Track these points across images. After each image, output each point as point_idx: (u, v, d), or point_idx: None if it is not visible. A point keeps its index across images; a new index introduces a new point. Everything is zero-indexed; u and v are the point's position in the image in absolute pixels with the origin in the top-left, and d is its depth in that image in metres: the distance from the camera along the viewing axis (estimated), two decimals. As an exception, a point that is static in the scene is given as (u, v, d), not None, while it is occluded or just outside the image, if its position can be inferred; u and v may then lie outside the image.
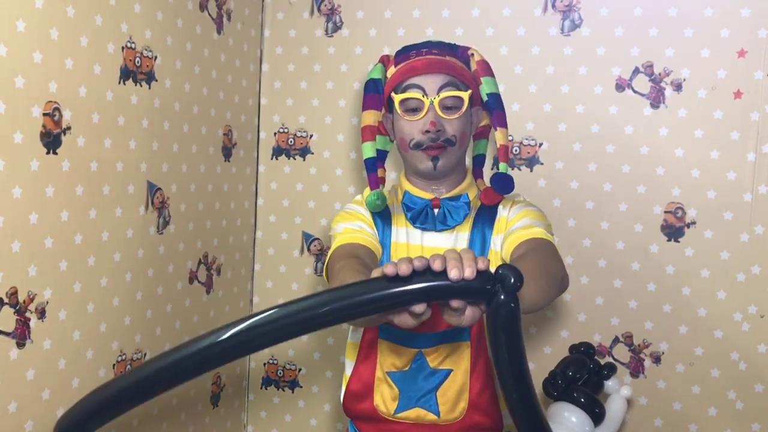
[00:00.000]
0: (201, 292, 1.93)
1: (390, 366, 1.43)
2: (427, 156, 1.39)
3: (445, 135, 1.38)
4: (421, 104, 1.38)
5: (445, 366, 1.40)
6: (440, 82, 1.38)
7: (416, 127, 1.39)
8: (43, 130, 1.31)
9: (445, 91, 1.38)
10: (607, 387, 1.74)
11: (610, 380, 1.74)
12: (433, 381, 1.41)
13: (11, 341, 1.28)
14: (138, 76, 1.58)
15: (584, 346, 1.77)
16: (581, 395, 1.64)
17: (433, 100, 1.37)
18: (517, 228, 1.37)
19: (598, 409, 1.64)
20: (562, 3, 1.93)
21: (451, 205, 1.43)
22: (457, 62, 1.43)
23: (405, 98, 1.39)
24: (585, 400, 1.64)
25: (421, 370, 1.41)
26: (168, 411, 1.82)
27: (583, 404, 1.63)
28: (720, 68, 1.83)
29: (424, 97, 1.37)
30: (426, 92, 1.38)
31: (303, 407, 2.23)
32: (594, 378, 1.72)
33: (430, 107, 1.37)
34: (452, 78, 1.39)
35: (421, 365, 1.41)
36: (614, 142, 1.92)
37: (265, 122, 2.20)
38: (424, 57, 1.41)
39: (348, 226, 1.42)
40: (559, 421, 1.61)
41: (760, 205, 1.83)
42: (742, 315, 1.86)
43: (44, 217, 1.33)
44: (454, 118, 1.38)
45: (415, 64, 1.41)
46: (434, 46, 1.45)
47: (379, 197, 1.44)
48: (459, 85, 1.40)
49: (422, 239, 1.42)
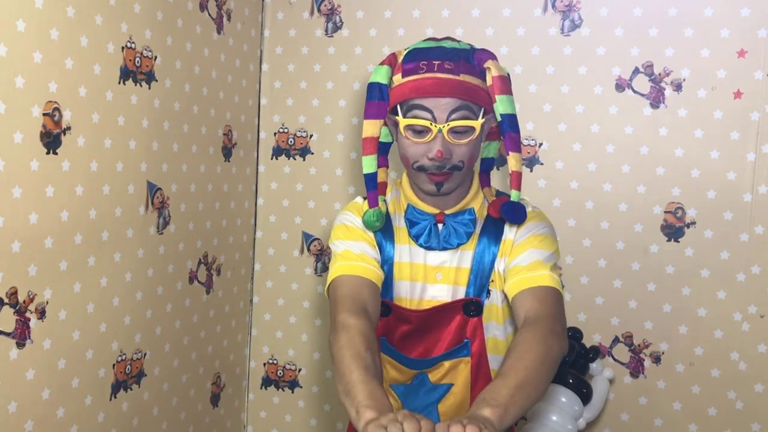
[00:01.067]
0: (201, 292, 1.93)
1: (392, 380, 1.43)
2: (430, 181, 1.31)
3: (452, 162, 1.29)
4: (428, 130, 1.28)
5: (445, 381, 1.40)
6: (451, 107, 1.26)
7: (421, 150, 1.29)
8: (43, 130, 1.31)
9: (455, 118, 1.26)
10: (591, 369, 1.84)
11: (595, 363, 1.85)
12: (435, 395, 1.41)
13: (11, 341, 1.28)
14: (138, 76, 1.58)
15: (571, 331, 1.84)
16: (570, 377, 1.75)
17: (442, 128, 1.26)
18: (521, 264, 1.31)
19: (585, 389, 1.77)
20: (562, 3, 1.93)
21: (456, 222, 1.36)
22: (471, 81, 1.29)
23: (411, 123, 1.28)
24: (574, 381, 1.75)
25: (422, 385, 1.41)
26: (168, 411, 1.82)
27: (572, 385, 1.75)
28: (720, 68, 1.83)
29: (432, 125, 1.26)
30: (435, 117, 1.27)
31: (303, 407, 2.23)
32: (581, 361, 1.81)
33: (437, 134, 1.27)
34: (464, 102, 1.27)
35: (422, 381, 1.41)
36: (614, 142, 1.92)
37: (265, 122, 2.19)
38: (435, 75, 1.27)
39: (349, 247, 1.36)
40: (550, 401, 1.70)
41: (760, 205, 1.83)
42: (742, 315, 1.86)
43: (44, 217, 1.33)
44: (463, 143, 1.28)
45: (424, 83, 1.28)
46: (447, 57, 1.29)
47: (378, 218, 1.36)
48: (472, 109, 1.28)
49: (425, 258, 1.37)
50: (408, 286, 1.39)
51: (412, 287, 1.39)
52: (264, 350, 2.24)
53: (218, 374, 2.07)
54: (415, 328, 1.39)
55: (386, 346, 1.42)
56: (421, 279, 1.38)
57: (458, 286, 1.37)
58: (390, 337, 1.41)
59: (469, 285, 1.36)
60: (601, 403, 1.81)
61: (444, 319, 1.37)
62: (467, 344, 1.37)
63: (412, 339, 1.40)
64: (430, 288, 1.38)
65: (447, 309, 1.37)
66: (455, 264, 1.37)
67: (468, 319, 1.36)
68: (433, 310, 1.37)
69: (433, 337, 1.38)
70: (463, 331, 1.37)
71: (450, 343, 1.38)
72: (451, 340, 1.38)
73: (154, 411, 1.75)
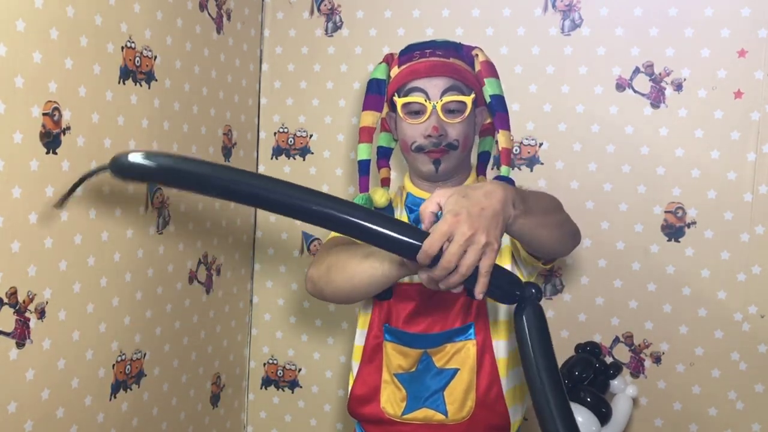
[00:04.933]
0: (201, 292, 1.93)
1: (397, 368, 1.43)
2: (429, 159, 1.39)
3: (448, 139, 1.37)
4: (424, 108, 1.38)
5: (451, 365, 1.40)
6: (443, 86, 1.38)
7: (418, 131, 1.38)
8: (42, 130, 1.31)
9: (447, 95, 1.37)
10: (612, 386, 1.74)
11: (616, 380, 1.75)
12: (440, 381, 1.41)
13: (11, 341, 1.28)
14: (138, 76, 1.58)
15: (590, 346, 1.77)
16: (588, 395, 1.65)
17: (436, 104, 1.37)
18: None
19: (604, 409, 1.65)
20: (563, 3, 1.93)
21: None
22: (460, 64, 1.43)
23: (407, 102, 1.39)
24: (591, 399, 1.64)
25: (427, 370, 1.41)
26: (168, 411, 1.81)
27: (589, 404, 1.64)
28: (720, 68, 1.83)
29: (426, 102, 1.37)
30: (429, 96, 1.37)
31: (303, 407, 2.23)
32: (600, 378, 1.72)
33: (432, 111, 1.37)
34: (455, 82, 1.39)
35: (427, 366, 1.41)
36: (614, 142, 1.91)
37: (265, 122, 2.19)
38: (428, 59, 1.40)
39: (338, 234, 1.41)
40: None
41: (760, 205, 1.83)
42: (742, 315, 1.86)
43: (44, 217, 1.33)
44: (456, 122, 1.38)
45: (418, 67, 1.40)
46: (438, 47, 1.44)
47: (366, 203, 1.44)
48: (462, 88, 1.39)
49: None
50: None
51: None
52: (264, 350, 2.24)
53: (218, 374, 2.07)
54: (417, 305, 1.40)
55: (389, 331, 1.42)
56: None
57: None
58: (392, 321, 1.42)
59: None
60: (623, 423, 1.71)
61: (447, 297, 1.38)
62: (471, 326, 1.39)
63: (415, 317, 1.41)
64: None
65: None
66: None
67: (472, 300, 1.37)
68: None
69: (436, 314, 1.40)
70: (467, 312, 1.39)
71: (453, 322, 1.39)
72: (454, 320, 1.39)
73: (153, 411, 1.75)
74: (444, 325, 1.39)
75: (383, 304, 1.43)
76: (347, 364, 2.14)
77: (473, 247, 0.98)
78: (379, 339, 1.43)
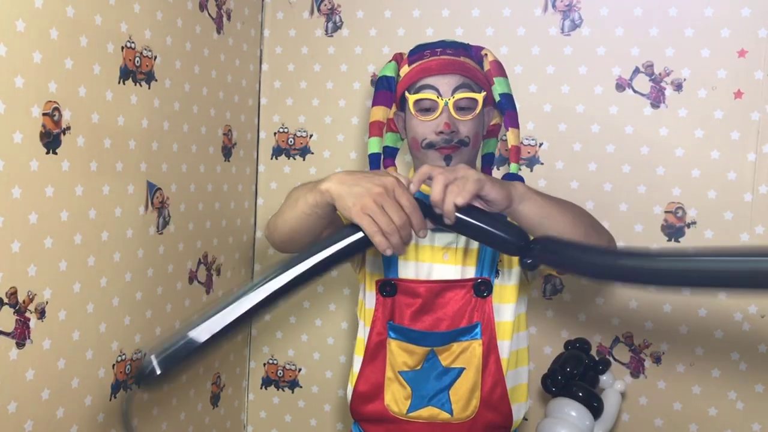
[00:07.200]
0: (201, 292, 1.93)
1: (401, 365, 1.42)
2: (440, 155, 1.39)
3: (459, 136, 1.37)
4: (435, 105, 1.38)
5: (457, 364, 1.40)
6: (455, 84, 1.38)
7: (429, 128, 1.38)
8: (42, 130, 1.31)
9: (459, 92, 1.38)
10: (602, 381, 1.77)
11: (605, 375, 1.77)
12: (446, 379, 1.41)
13: (11, 341, 1.28)
14: (138, 76, 1.58)
15: (579, 342, 1.79)
16: (580, 390, 1.67)
17: (448, 101, 1.37)
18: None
19: (596, 403, 1.68)
20: (562, 3, 1.93)
21: None
22: (470, 63, 1.43)
23: (419, 98, 1.39)
24: (584, 394, 1.67)
25: (433, 369, 1.41)
26: (168, 411, 1.81)
27: (582, 399, 1.67)
28: (720, 68, 1.83)
29: (438, 98, 1.37)
30: (440, 93, 1.38)
31: (303, 407, 2.23)
32: (590, 373, 1.75)
33: (444, 108, 1.37)
34: (466, 79, 1.39)
35: (433, 364, 1.41)
36: (614, 142, 1.92)
37: (265, 122, 2.19)
38: (439, 57, 1.41)
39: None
40: (560, 416, 1.63)
41: (760, 205, 1.83)
42: (742, 315, 1.86)
43: (44, 217, 1.33)
44: (468, 119, 1.38)
45: (429, 65, 1.41)
46: (448, 46, 1.45)
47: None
48: (473, 86, 1.40)
49: (432, 239, 1.43)
50: (414, 266, 1.42)
51: (418, 267, 1.42)
52: (264, 350, 2.24)
53: (218, 374, 2.07)
54: (423, 303, 1.41)
55: (394, 328, 1.42)
56: (428, 259, 1.42)
57: (467, 266, 1.40)
58: (397, 318, 1.42)
59: (478, 265, 1.40)
60: (613, 416, 1.75)
61: (454, 296, 1.39)
62: (477, 325, 1.39)
63: (421, 315, 1.41)
64: (437, 268, 1.42)
65: (457, 285, 1.39)
66: (462, 245, 1.41)
67: (478, 300, 1.38)
68: (443, 284, 1.40)
69: (442, 312, 1.41)
70: (473, 311, 1.39)
71: (460, 321, 1.39)
72: (460, 319, 1.40)
73: (153, 411, 1.75)
74: (450, 324, 1.39)
75: (387, 301, 1.42)
76: (347, 364, 2.14)
77: (448, 175, 1.11)
78: (382, 336, 1.42)
